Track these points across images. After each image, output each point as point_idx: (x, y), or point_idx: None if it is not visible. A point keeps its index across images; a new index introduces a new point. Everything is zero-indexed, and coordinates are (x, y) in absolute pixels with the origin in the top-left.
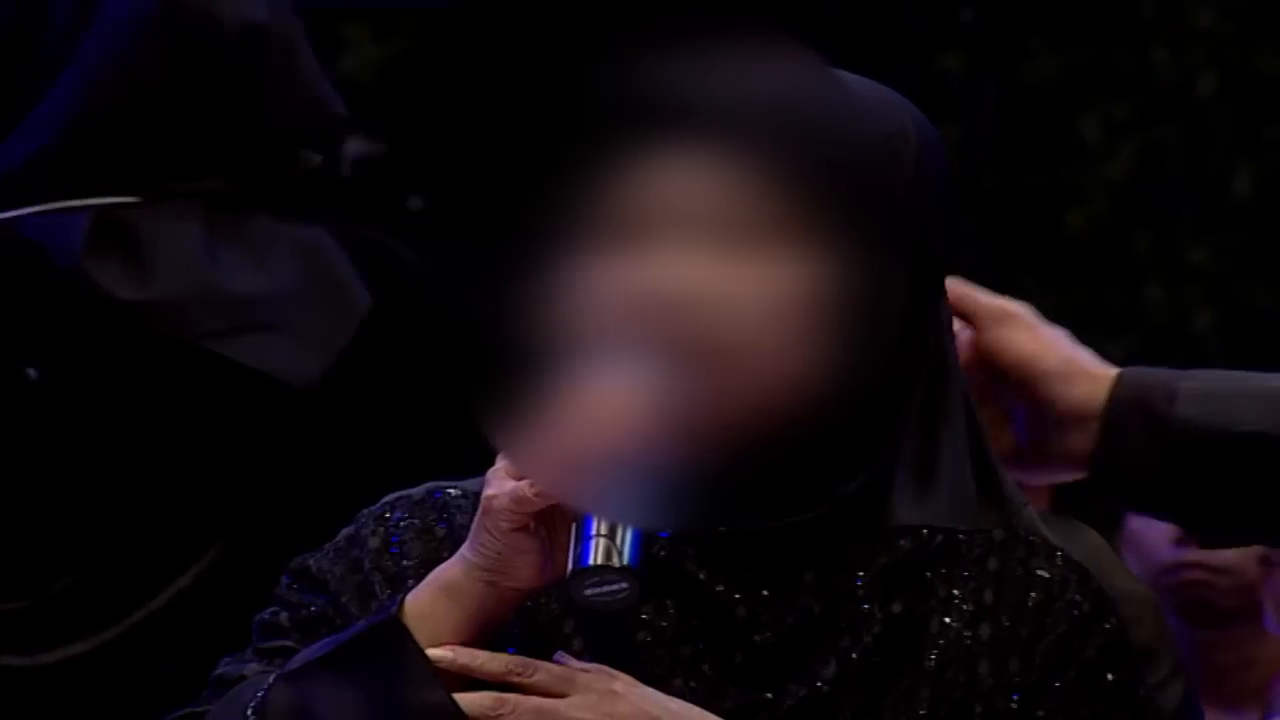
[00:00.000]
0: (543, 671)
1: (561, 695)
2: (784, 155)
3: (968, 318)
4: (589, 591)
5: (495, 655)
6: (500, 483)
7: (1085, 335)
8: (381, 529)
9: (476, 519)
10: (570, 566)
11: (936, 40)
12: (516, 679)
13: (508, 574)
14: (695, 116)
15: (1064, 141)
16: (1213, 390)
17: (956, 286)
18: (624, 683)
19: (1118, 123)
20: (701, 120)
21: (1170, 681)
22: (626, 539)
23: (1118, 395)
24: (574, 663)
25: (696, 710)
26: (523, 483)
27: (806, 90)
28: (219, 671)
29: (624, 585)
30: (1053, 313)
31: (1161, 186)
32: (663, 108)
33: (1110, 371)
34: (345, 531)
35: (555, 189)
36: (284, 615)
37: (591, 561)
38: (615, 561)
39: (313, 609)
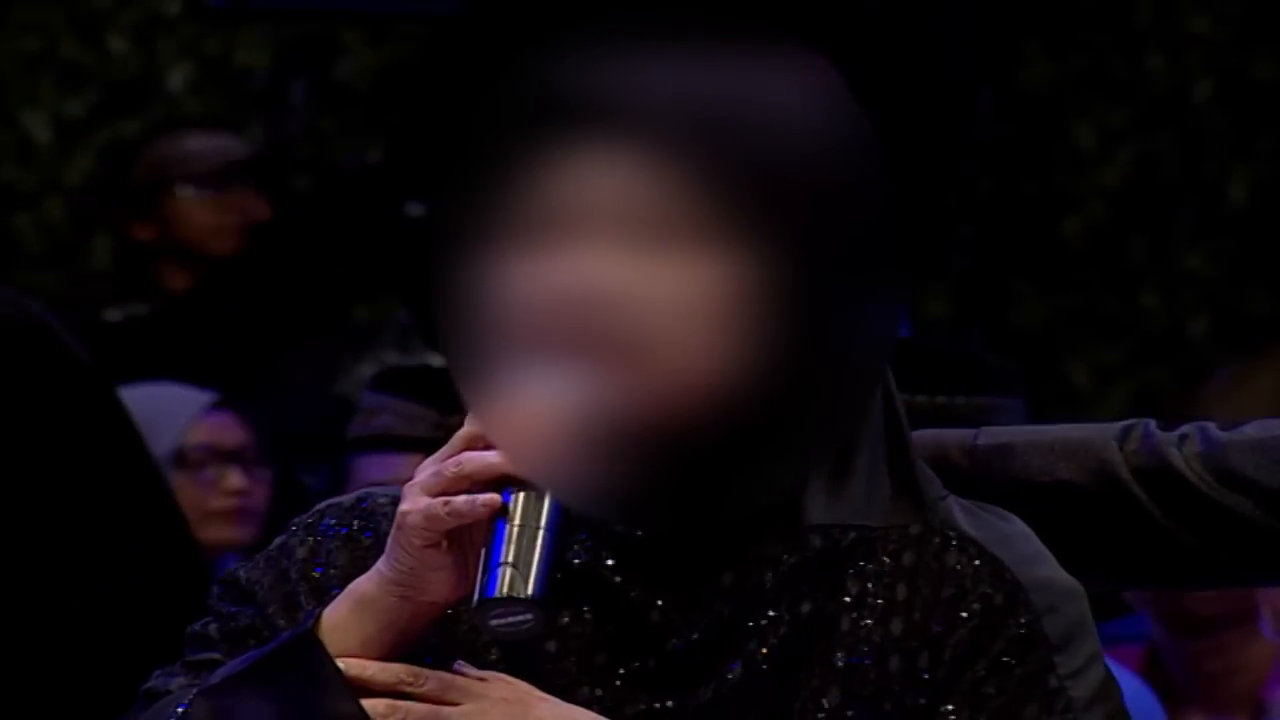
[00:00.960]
0: (434, 681)
1: (454, 705)
2: (701, 154)
3: None
4: (494, 622)
5: (386, 666)
6: (414, 499)
7: (1081, 342)
8: (311, 538)
9: (391, 534)
10: (476, 596)
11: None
12: (407, 689)
13: (421, 589)
14: (612, 115)
15: (1060, 148)
16: (1011, 444)
17: None
18: (520, 691)
19: (1113, 129)
20: (618, 118)
21: (1087, 670)
22: (533, 568)
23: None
24: (472, 672)
25: (586, 713)
26: (436, 500)
27: (726, 90)
28: (148, 685)
29: (528, 616)
30: (1048, 319)
31: (1157, 193)
32: (580, 105)
33: None
34: (277, 540)
35: (479, 187)
36: (213, 626)
37: (497, 592)
38: (520, 593)
39: (241, 620)
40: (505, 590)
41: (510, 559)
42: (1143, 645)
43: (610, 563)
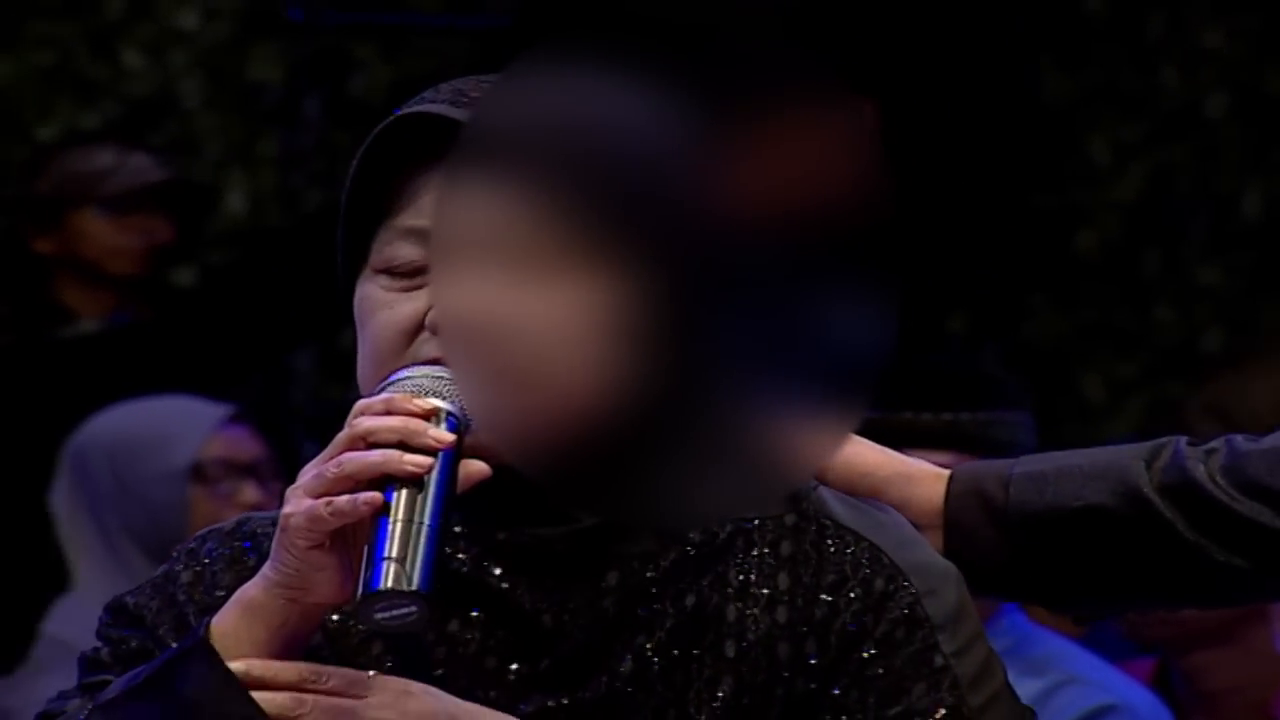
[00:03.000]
0: (337, 677)
1: (358, 698)
2: (566, 183)
3: None
4: (379, 615)
5: (290, 665)
6: (297, 501)
7: (1095, 356)
8: (194, 563)
9: (275, 537)
10: (360, 590)
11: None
12: (312, 686)
13: (308, 590)
14: (485, 145)
15: (1074, 162)
16: (1044, 471)
17: None
18: (418, 685)
19: (1127, 143)
20: (490, 149)
21: (969, 649)
22: (417, 562)
23: (954, 490)
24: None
25: (491, 711)
26: (318, 501)
27: (590, 119)
28: (44, 709)
29: (413, 609)
30: (1063, 334)
31: (1171, 207)
32: (460, 135)
33: (944, 472)
34: (162, 568)
35: (382, 212)
36: (105, 651)
37: (381, 586)
38: (404, 586)
39: (133, 643)
40: (389, 584)
41: (393, 554)
42: (1155, 659)
43: (497, 571)
